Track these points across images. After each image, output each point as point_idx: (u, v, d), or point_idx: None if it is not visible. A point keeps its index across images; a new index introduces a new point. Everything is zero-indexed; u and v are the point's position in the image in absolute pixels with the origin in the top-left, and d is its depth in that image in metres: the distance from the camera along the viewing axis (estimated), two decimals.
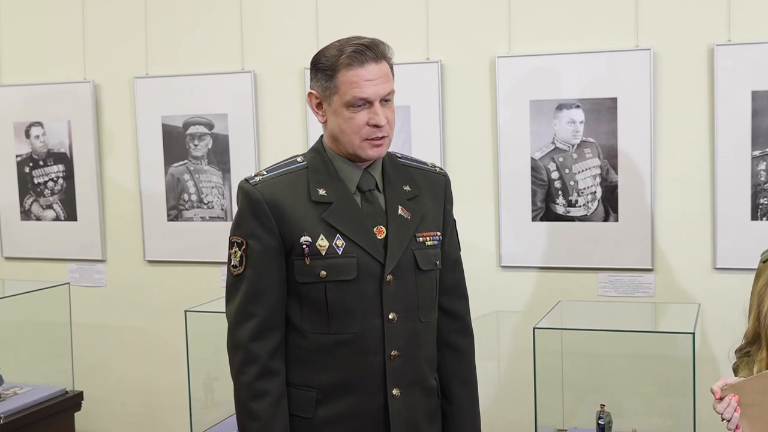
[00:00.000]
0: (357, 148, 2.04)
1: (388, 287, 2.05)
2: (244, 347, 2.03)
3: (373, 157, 2.07)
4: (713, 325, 3.05)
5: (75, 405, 3.71)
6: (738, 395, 2.02)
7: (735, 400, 2.02)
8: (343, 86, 2.00)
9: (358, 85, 1.99)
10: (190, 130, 3.80)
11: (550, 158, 3.30)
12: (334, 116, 2.04)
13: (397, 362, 2.07)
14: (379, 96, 2.02)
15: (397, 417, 2.07)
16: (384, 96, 2.03)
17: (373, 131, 2.03)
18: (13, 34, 4.11)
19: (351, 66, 1.99)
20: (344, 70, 1.99)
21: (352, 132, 2.03)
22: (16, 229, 4.16)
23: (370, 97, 2.00)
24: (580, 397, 3.24)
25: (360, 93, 1.99)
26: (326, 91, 2.03)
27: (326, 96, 2.04)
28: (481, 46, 3.38)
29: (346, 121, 2.02)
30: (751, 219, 3.09)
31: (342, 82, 2.00)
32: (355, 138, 2.03)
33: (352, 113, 2.01)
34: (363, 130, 2.02)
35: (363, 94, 2.00)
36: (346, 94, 2.00)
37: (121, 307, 4.02)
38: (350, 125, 2.02)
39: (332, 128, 2.06)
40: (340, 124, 2.03)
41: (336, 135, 2.06)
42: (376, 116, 2.01)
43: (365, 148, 2.04)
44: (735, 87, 3.07)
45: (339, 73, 2.00)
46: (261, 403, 2.02)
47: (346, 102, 2.00)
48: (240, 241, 2.06)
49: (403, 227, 2.09)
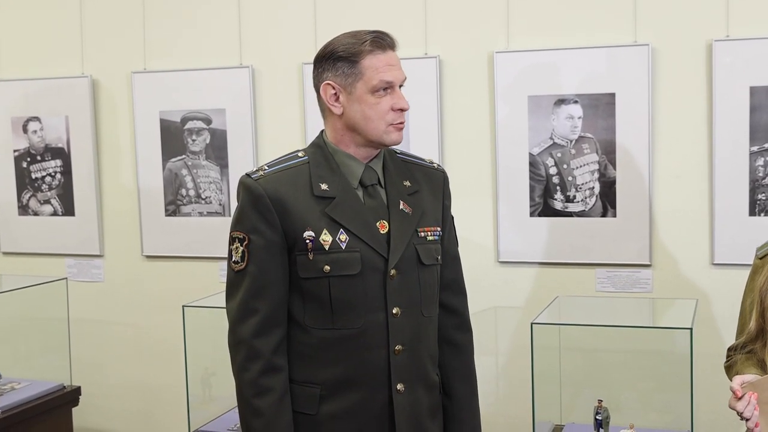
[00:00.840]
0: (383, 133, 2.05)
1: (391, 282, 2.05)
2: (247, 344, 2.02)
3: (397, 141, 2.09)
4: (711, 321, 3.05)
5: (73, 400, 3.70)
6: (757, 393, 2.00)
7: (755, 398, 2.00)
8: (369, 71, 2.02)
9: (384, 70, 2.03)
10: (187, 125, 3.79)
11: (548, 154, 3.30)
12: (357, 104, 2.04)
13: (402, 357, 2.06)
14: (400, 80, 2.07)
15: (402, 412, 2.07)
16: (403, 81, 2.08)
17: (398, 116, 2.06)
18: (11, 29, 4.10)
19: (374, 52, 2.03)
20: (369, 55, 2.02)
21: (378, 117, 2.04)
22: (13, 224, 4.15)
23: (395, 81, 2.04)
24: (577, 392, 3.24)
25: (387, 76, 2.03)
26: (348, 79, 2.04)
27: (347, 84, 2.04)
28: (479, 41, 3.38)
29: (371, 107, 2.03)
30: (749, 215, 3.09)
31: (367, 68, 2.02)
32: (381, 123, 2.04)
33: (377, 98, 2.03)
34: (388, 115, 2.05)
35: (390, 77, 2.03)
36: (372, 79, 2.02)
37: (119, 303, 4.02)
38: (376, 111, 2.03)
39: (353, 117, 2.05)
40: (365, 110, 2.04)
41: (357, 123, 2.05)
42: (401, 100, 2.06)
43: (390, 133, 2.06)
44: (733, 83, 3.07)
45: (363, 59, 2.02)
46: (265, 399, 2.01)
47: (372, 87, 2.02)
48: (242, 237, 2.05)
49: (405, 222, 2.09)
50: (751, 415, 2.00)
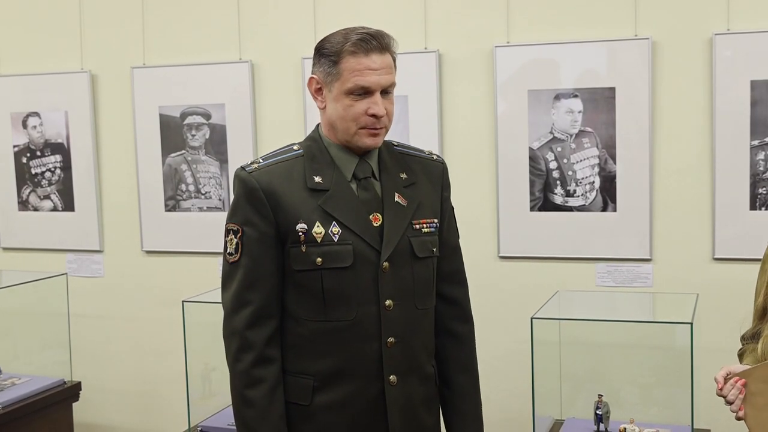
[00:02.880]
0: (353, 135, 2.04)
1: (384, 274, 2.05)
2: (239, 335, 2.04)
3: (369, 146, 2.07)
4: (711, 315, 3.05)
5: (73, 395, 3.71)
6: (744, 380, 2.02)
7: (741, 384, 2.01)
8: (346, 73, 2.00)
9: (361, 74, 1.99)
10: (187, 120, 3.79)
11: (548, 148, 3.29)
12: (333, 103, 2.04)
13: (394, 349, 2.07)
14: (381, 86, 2.02)
15: (394, 404, 2.08)
16: (385, 87, 2.03)
17: (371, 121, 2.03)
18: (10, 24, 4.10)
19: (355, 54, 1.99)
20: (348, 57, 2.00)
21: (350, 120, 2.03)
22: (13, 219, 4.15)
23: (372, 87, 2.00)
24: (577, 387, 3.24)
25: (362, 81, 1.99)
26: (328, 77, 2.03)
27: (327, 82, 2.04)
28: (480, 35, 3.37)
29: (345, 109, 2.02)
30: (750, 209, 3.09)
31: (345, 69, 2.00)
32: (352, 126, 2.03)
33: (352, 101, 2.01)
34: (361, 119, 2.02)
35: (365, 83, 2.00)
36: (347, 82, 2.00)
37: (119, 298, 4.02)
38: (349, 113, 2.02)
39: (330, 115, 2.06)
40: (339, 111, 2.03)
41: (334, 122, 2.06)
42: (375, 106, 2.01)
43: (361, 136, 2.04)
44: (734, 76, 3.06)
45: (343, 59, 2.00)
46: (257, 390, 2.03)
47: (347, 89, 2.00)
48: (236, 229, 2.06)
49: (399, 215, 2.09)
50: (735, 398, 2.01)
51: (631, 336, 3.17)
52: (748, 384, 2.02)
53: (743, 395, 2.02)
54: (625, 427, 2.92)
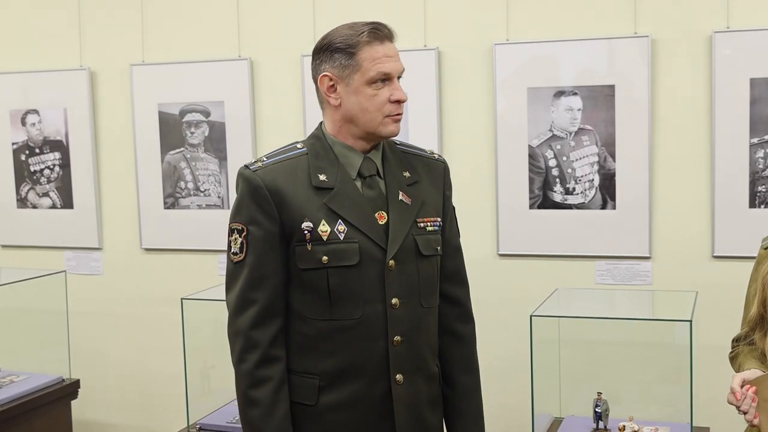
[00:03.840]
0: (379, 125, 2.04)
1: (390, 273, 2.04)
2: (244, 334, 2.02)
3: (394, 133, 2.08)
4: (711, 313, 3.05)
5: (72, 393, 3.71)
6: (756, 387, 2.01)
7: (753, 392, 2.00)
8: (366, 63, 2.01)
9: (381, 61, 2.01)
10: (186, 117, 3.78)
11: (547, 146, 3.29)
12: (354, 96, 2.03)
13: (400, 348, 2.06)
14: (399, 72, 2.05)
15: (401, 403, 2.07)
16: (401, 73, 2.07)
17: (395, 107, 2.05)
18: (9, 21, 4.09)
19: (371, 43, 2.01)
20: (366, 47, 2.01)
21: (375, 109, 2.03)
22: (12, 217, 4.15)
23: (393, 72, 2.03)
24: (577, 384, 3.24)
25: (384, 68, 2.01)
26: (345, 71, 2.03)
27: (345, 75, 2.03)
28: (479, 33, 3.37)
29: (368, 99, 2.02)
30: (749, 207, 3.09)
31: (364, 59, 2.01)
32: (378, 115, 2.03)
33: (375, 90, 2.02)
34: (386, 106, 2.03)
35: (387, 69, 2.02)
36: (369, 71, 2.01)
37: (118, 295, 4.01)
38: (373, 102, 2.03)
39: (350, 109, 2.05)
40: (362, 102, 2.03)
41: (355, 115, 2.05)
42: (398, 91, 2.04)
43: (387, 125, 2.05)
44: (734, 74, 3.06)
45: (361, 50, 2.01)
46: (261, 390, 2.02)
47: (369, 78, 2.01)
48: (240, 228, 2.04)
49: (404, 213, 2.09)
50: (748, 408, 2.00)
51: (631, 334, 3.17)
52: (760, 391, 2.01)
53: (756, 403, 2.00)
54: (625, 424, 2.92)
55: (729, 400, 2.03)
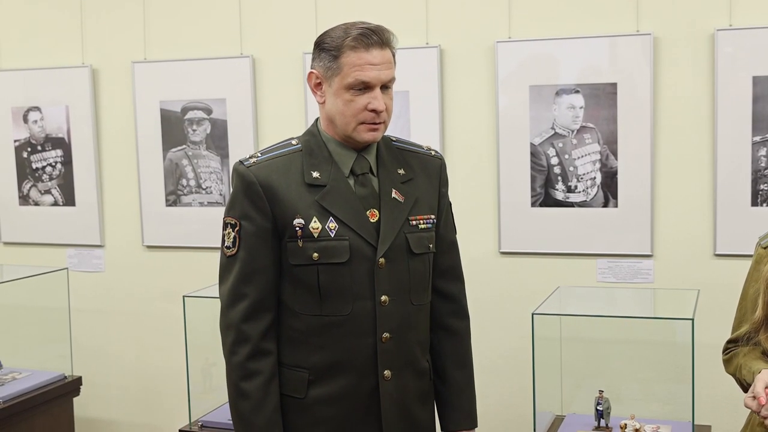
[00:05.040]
0: (352, 131, 2.05)
1: (380, 270, 2.06)
2: (236, 328, 2.05)
3: (368, 140, 2.07)
4: (712, 312, 3.04)
5: (74, 390, 3.71)
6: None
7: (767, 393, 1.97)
8: (346, 68, 2.00)
9: (361, 69, 2.00)
10: (188, 115, 3.79)
11: (549, 144, 3.29)
12: (333, 97, 2.04)
13: (389, 345, 2.08)
14: (381, 81, 2.02)
15: (388, 398, 2.09)
16: (385, 82, 2.04)
17: (371, 116, 2.03)
18: (11, 19, 4.09)
19: (356, 48, 2.00)
20: (349, 51, 2.00)
21: (349, 115, 2.03)
22: (14, 214, 4.15)
23: (372, 82, 2.01)
24: (578, 383, 3.24)
25: (362, 76, 2.00)
26: (328, 72, 2.03)
27: (327, 76, 2.04)
28: (481, 30, 3.36)
29: (345, 104, 2.02)
30: (751, 205, 3.08)
31: (345, 64, 2.00)
32: (352, 121, 2.04)
33: (352, 96, 2.01)
34: (361, 114, 2.02)
35: (365, 78, 2.00)
36: (348, 76, 2.00)
37: (120, 293, 4.02)
38: (349, 108, 2.02)
39: (330, 109, 2.06)
40: (339, 105, 2.03)
41: (333, 116, 2.07)
42: (375, 101, 2.02)
43: (360, 132, 2.05)
44: (736, 72, 3.05)
45: (343, 54, 2.00)
46: (252, 382, 2.04)
47: (347, 84, 2.01)
48: (233, 222, 2.07)
49: (396, 211, 2.10)
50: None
51: (632, 332, 3.17)
52: None
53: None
54: (626, 423, 2.92)
55: (749, 404, 1.97)
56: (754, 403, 1.96)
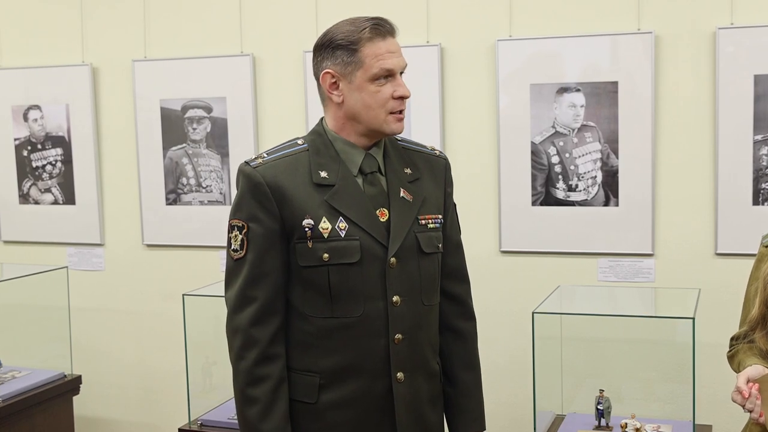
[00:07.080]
0: (382, 122, 2.03)
1: (391, 270, 2.03)
2: (243, 332, 2.01)
3: (397, 131, 2.06)
4: (713, 311, 3.04)
5: (73, 389, 3.71)
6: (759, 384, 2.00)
7: (756, 389, 1.99)
8: (368, 59, 2.00)
9: (383, 57, 2.00)
10: (188, 113, 3.78)
11: (550, 142, 3.28)
12: (357, 92, 2.02)
13: (401, 346, 2.05)
14: (401, 68, 2.04)
15: (402, 401, 2.06)
16: (403, 68, 2.06)
17: (398, 104, 2.04)
18: (11, 17, 4.09)
19: (373, 39, 2.00)
20: (367, 43, 2.00)
21: (378, 106, 2.02)
22: (14, 212, 4.15)
23: (395, 68, 2.02)
24: (579, 382, 3.24)
25: (386, 64, 2.00)
26: (347, 68, 2.02)
27: (347, 73, 2.02)
28: (482, 29, 3.36)
29: (371, 96, 2.01)
30: (753, 204, 3.08)
31: (367, 56, 2.00)
32: (381, 112, 2.02)
33: (377, 87, 2.01)
34: (389, 103, 2.02)
35: (389, 65, 2.00)
36: (372, 67, 2.00)
37: (120, 291, 4.01)
38: (376, 99, 2.01)
39: (353, 106, 2.03)
40: (365, 99, 2.02)
41: (358, 112, 2.04)
42: (401, 87, 2.03)
43: (390, 122, 2.04)
44: (737, 71, 3.05)
45: (363, 47, 2.00)
46: (260, 388, 2.00)
47: (372, 75, 2.00)
48: (241, 225, 2.03)
49: (405, 210, 2.08)
50: (753, 406, 2.00)
51: (633, 331, 3.17)
52: (764, 389, 2.00)
53: (760, 401, 1.99)
54: (627, 422, 2.91)
55: (734, 398, 2.02)
56: (738, 397, 2.01)
